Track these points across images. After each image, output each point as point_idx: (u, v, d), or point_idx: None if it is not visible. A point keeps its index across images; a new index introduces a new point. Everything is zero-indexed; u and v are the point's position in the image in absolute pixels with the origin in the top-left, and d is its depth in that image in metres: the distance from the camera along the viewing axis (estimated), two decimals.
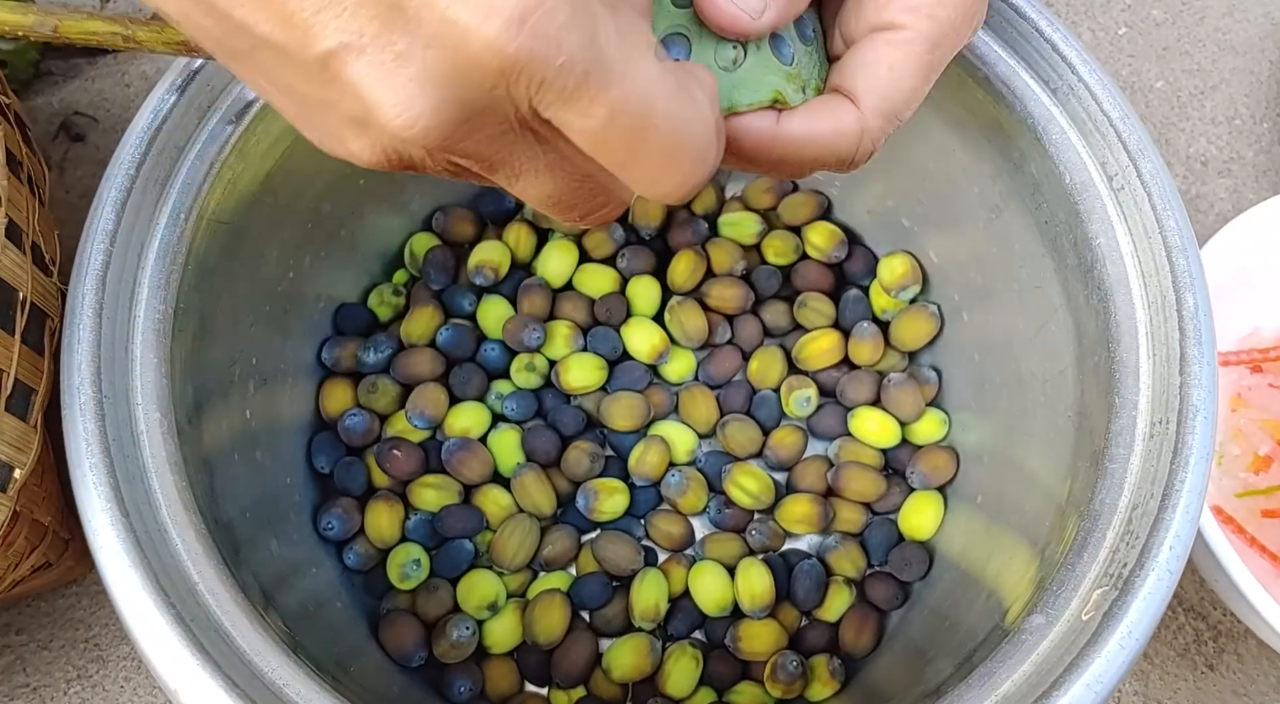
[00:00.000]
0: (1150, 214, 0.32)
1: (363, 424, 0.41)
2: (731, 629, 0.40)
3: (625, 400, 0.43)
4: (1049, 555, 0.32)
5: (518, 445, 0.42)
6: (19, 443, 0.29)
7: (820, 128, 0.25)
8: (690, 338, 0.44)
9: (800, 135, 0.25)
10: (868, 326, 0.44)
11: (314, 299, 0.43)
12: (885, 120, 0.25)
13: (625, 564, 0.41)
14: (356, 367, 0.43)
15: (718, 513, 0.42)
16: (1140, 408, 0.31)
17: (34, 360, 0.30)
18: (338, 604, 0.39)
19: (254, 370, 0.38)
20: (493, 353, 0.43)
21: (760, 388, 0.45)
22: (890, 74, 0.25)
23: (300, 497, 0.40)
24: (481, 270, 0.44)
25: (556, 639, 0.39)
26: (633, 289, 0.45)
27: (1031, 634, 0.28)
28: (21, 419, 0.29)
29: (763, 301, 0.46)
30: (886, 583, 0.42)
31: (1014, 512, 0.38)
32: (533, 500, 0.41)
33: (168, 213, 0.32)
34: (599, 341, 0.44)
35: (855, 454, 0.44)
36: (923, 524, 0.42)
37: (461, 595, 0.40)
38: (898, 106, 0.25)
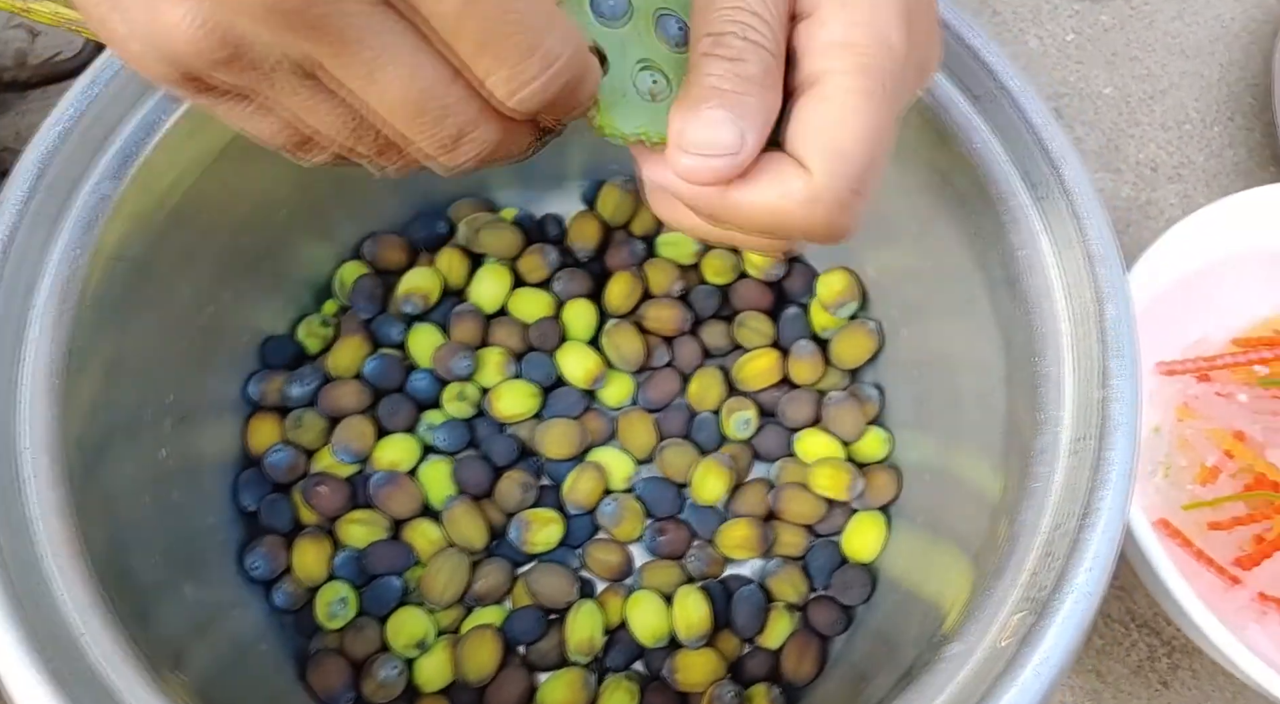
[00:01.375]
0: (1072, 223, 0.31)
1: (287, 460, 0.40)
2: (668, 660, 0.39)
3: (559, 427, 0.42)
4: (980, 561, 0.31)
5: (449, 477, 0.41)
6: None
7: (767, 192, 0.22)
8: (627, 361, 0.43)
9: (746, 198, 0.22)
10: (806, 345, 0.44)
11: (239, 332, 0.42)
12: (843, 180, 0.21)
13: (560, 597, 0.40)
14: (282, 400, 0.42)
15: (653, 540, 0.41)
16: (1064, 423, 0.30)
17: None
18: (263, 647, 0.38)
19: (170, 408, 0.37)
20: (422, 382, 0.42)
21: (700, 410, 0.44)
22: (831, 126, 0.21)
23: (226, 535, 0.39)
24: (410, 298, 0.43)
25: (487, 677, 0.38)
26: (568, 313, 0.44)
27: (949, 663, 0.27)
28: None
29: (702, 322, 0.45)
30: (829, 607, 0.40)
31: (953, 530, 0.37)
32: (464, 534, 0.40)
33: (59, 250, 0.31)
34: (532, 368, 0.43)
35: (797, 476, 0.43)
36: (866, 546, 0.41)
37: (390, 634, 0.39)
38: (851, 163, 0.21)
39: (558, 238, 0.47)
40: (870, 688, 0.35)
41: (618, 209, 0.45)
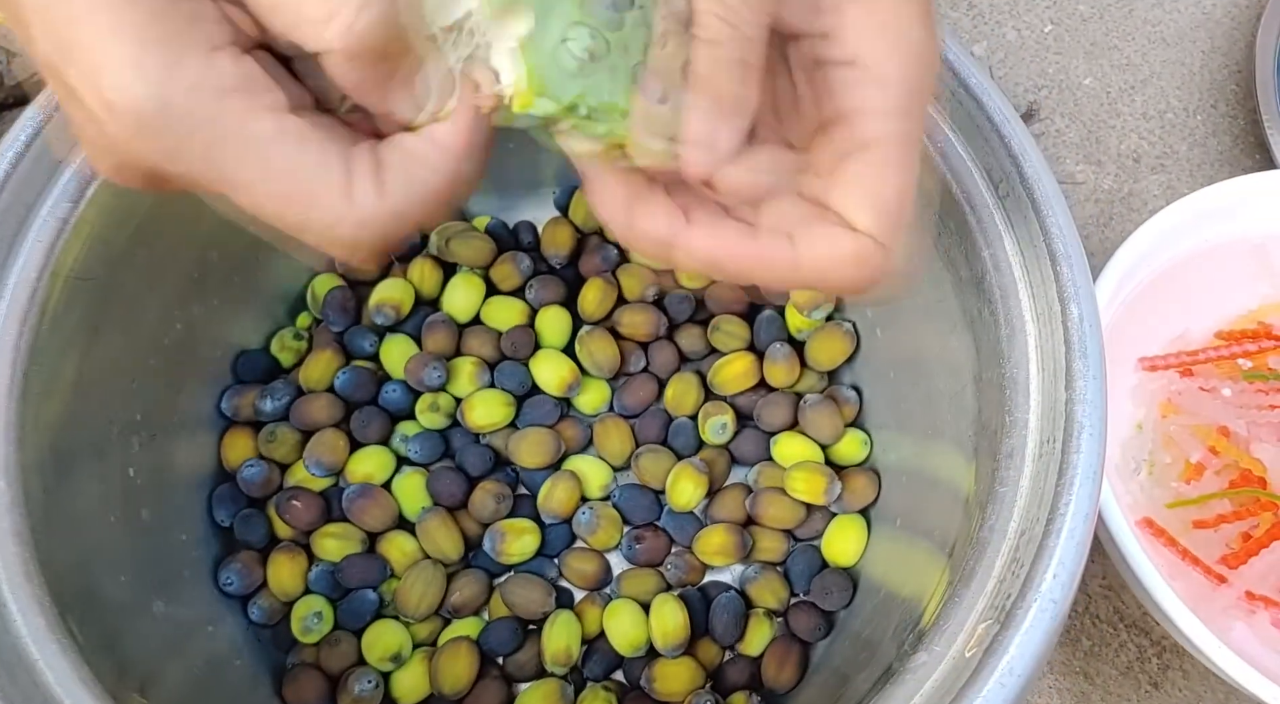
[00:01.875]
0: (1034, 220, 0.31)
1: (261, 474, 0.40)
2: (646, 669, 0.38)
3: (533, 436, 0.42)
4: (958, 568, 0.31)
5: (423, 489, 0.41)
6: None
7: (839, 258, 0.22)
8: (602, 368, 0.43)
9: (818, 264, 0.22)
10: (782, 347, 0.43)
11: (211, 346, 0.42)
12: (888, 234, 0.22)
13: (536, 607, 0.40)
14: (255, 415, 0.42)
15: (630, 548, 0.41)
16: (1030, 425, 0.29)
17: None
18: (237, 663, 0.38)
19: (139, 426, 0.37)
20: (394, 394, 0.42)
21: (677, 415, 0.44)
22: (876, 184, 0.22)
23: (200, 552, 0.39)
24: (382, 309, 0.43)
25: (464, 689, 0.38)
26: (541, 321, 0.44)
27: (914, 673, 0.27)
28: None
29: (677, 327, 0.45)
30: (809, 613, 0.40)
31: (930, 530, 0.36)
32: (438, 546, 0.40)
33: (16, 271, 0.31)
34: (506, 377, 0.43)
35: (775, 480, 0.42)
36: (846, 549, 0.41)
37: (365, 647, 0.38)
38: (895, 217, 0.22)
39: (531, 245, 0.46)
40: (849, 689, 0.35)
41: (591, 214, 0.45)
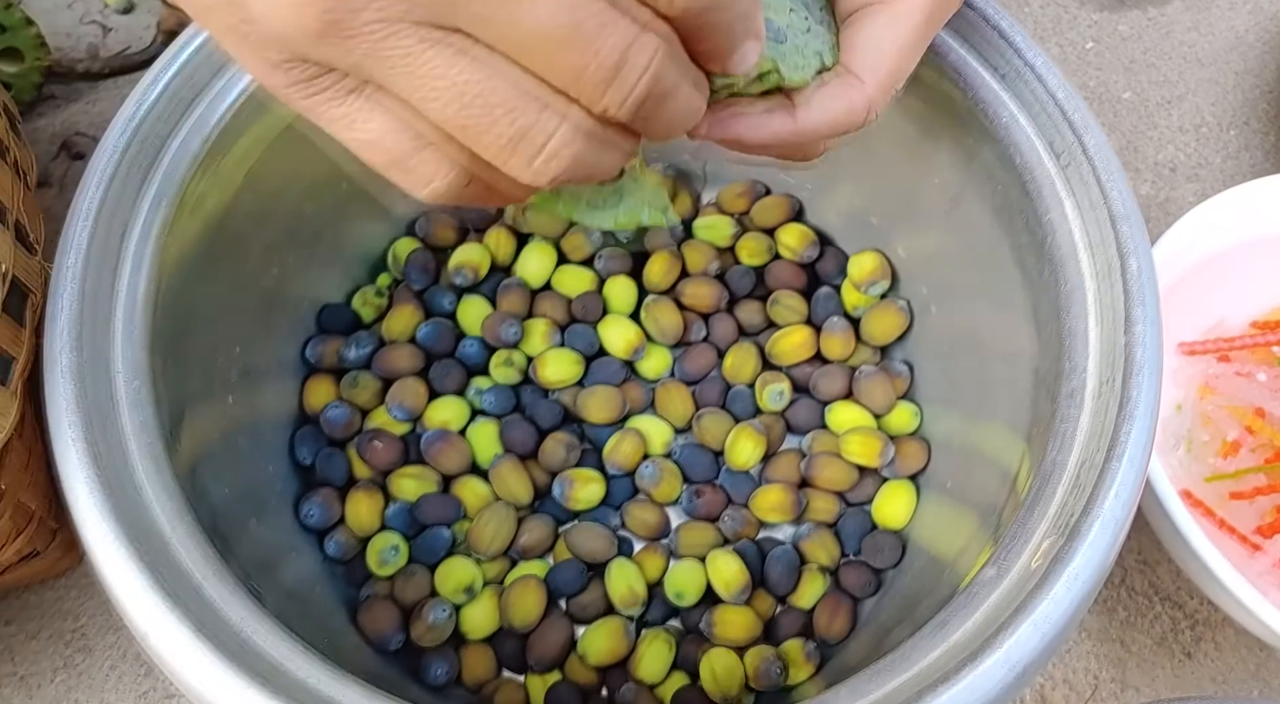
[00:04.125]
0: (1095, 186, 0.33)
1: (344, 416, 0.42)
2: (707, 615, 0.40)
3: (601, 393, 0.44)
4: (1001, 521, 0.33)
5: (495, 438, 0.43)
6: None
7: (835, 111, 0.26)
8: (666, 334, 0.45)
9: (816, 124, 0.26)
10: (838, 321, 0.45)
11: (298, 299, 0.44)
12: (887, 92, 0.27)
13: (600, 552, 0.41)
14: (339, 363, 0.44)
15: (690, 502, 0.43)
16: (1089, 370, 0.31)
17: (15, 331, 0.31)
18: (317, 588, 0.40)
19: (237, 359, 0.39)
20: (472, 349, 0.44)
21: (735, 383, 0.46)
22: (893, 50, 0.26)
23: (283, 486, 0.41)
24: (461, 271, 0.45)
25: (532, 623, 0.40)
26: (609, 289, 0.47)
27: (983, 586, 0.29)
28: (1, 384, 0.30)
29: (737, 301, 0.47)
30: (860, 570, 0.42)
31: (976, 491, 0.38)
32: (510, 490, 0.42)
33: (150, 197, 0.33)
34: (576, 338, 0.45)
35: (829, 446, 0.44)
36: (896, 513, 0.43)
37: (439, 580, 0.40)
38: (898, 78, 0.27)
39: None
40: (889, 639, 0.37)
41: None
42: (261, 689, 0.26)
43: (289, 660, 0.27)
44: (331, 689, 0.27)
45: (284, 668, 0.27)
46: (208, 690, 0.26)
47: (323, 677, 0.27)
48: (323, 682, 0.27)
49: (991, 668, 0.26)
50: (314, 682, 0.27)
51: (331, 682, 0.27)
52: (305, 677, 0.27)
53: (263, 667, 0.27)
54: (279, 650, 0.27)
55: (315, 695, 0.27)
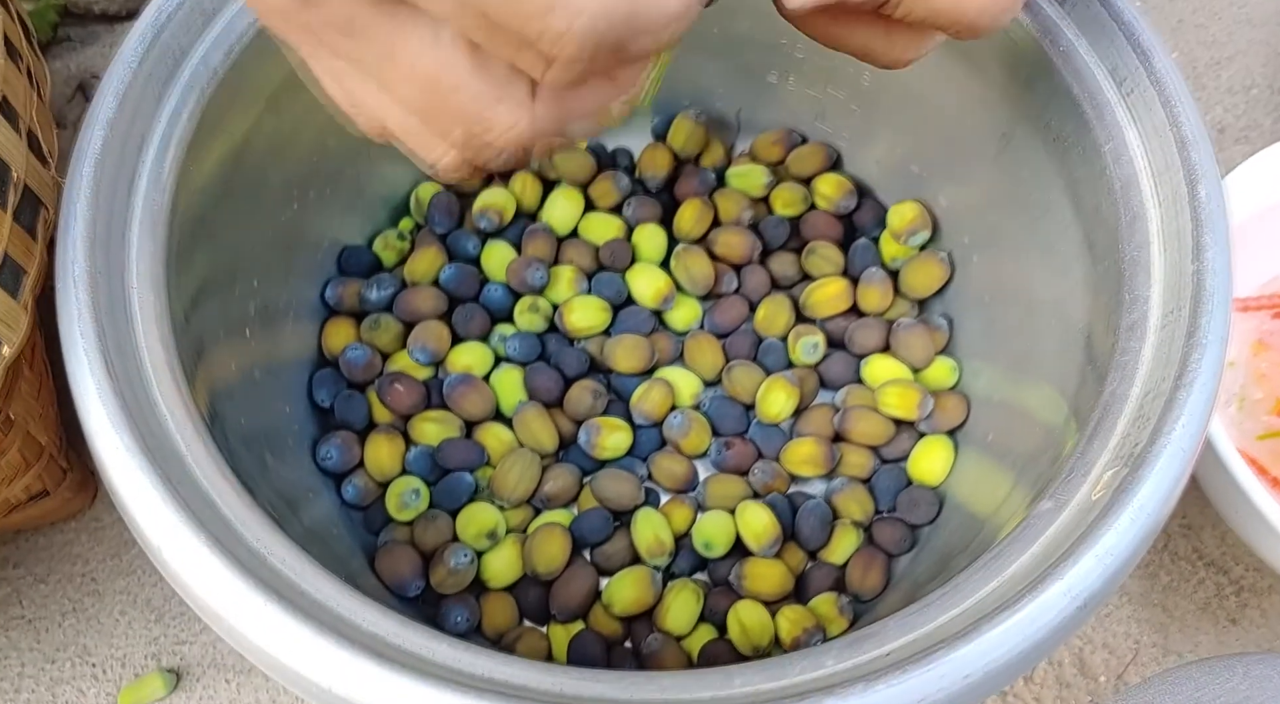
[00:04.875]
0: (1160, 112, 0.32)
1: (364, 357, 0.41)
2: (736, 566, 0.39)
3: (629, 342, 0.42)
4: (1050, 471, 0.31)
5: (520, 384, 0.42)
6: (8, 319, 0.29)
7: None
8: (696, 284, 0.44)
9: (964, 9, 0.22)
10: (876, 272, 0.44)
11: (318, 239, 0.43)
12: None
13: (626, 500, 0.40)
14: (359, 305, 0.43)
15: (719, 454, 0.41)
16: (1152, 302, 0.30)
17: (26, 242, 0.30)
18: (334, 532, 0.38)
19: (255, 293, 0.38)
20: (496, 294, 0.43)
21: (766, 336, 0.44)
22: None
23: (300, 428, 0.40)
24: (486, 214, 0.44)
25: (556, 570, 0.38)
26: (638, 236, 0.45)
27: (1040, 518, 0.27)
28: (11, 296, 0.29)
29: (770, 252, 0.46)
30: (895, 526, 0.40)
31: (1019, 445, 0.37)
32: (534, 437, 0.40)
33: (169, 111, 0.32)
34: (603, 286, 0.44)
35: (864, 400, 0.43)
36: (933, 469, 0.41)
37: (460, 525, 0.39)
38: None
39: (628, 169, 0.48)
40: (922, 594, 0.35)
41: (689, 140, 0.46)
42: (280, 605, 0.24)
43: (308, 580, 0.26)
44: (352, 610, 0.25)
45: (302, 587, 0.26)
46: (224, 607, 0.24)
47: (343, 598, 0.26)
48: (342, 604, 0.25)
49: (1052, 599, 0.25)
50: (333, 603, 0.25)
51: (352, 602, 0.25)
52: (325, 598, 0.26)
53: (280, 585, 0.25)
54: (298, 570, 0.26)
55: (334, 615, 0.25)
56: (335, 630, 0.24)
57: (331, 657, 0.24)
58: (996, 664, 0.24)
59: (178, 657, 0.40)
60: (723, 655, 0.37)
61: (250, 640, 0.24)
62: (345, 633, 0.24)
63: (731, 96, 0.47)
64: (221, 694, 0.39)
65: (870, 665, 0.25)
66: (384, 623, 0.25)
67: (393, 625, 0.25)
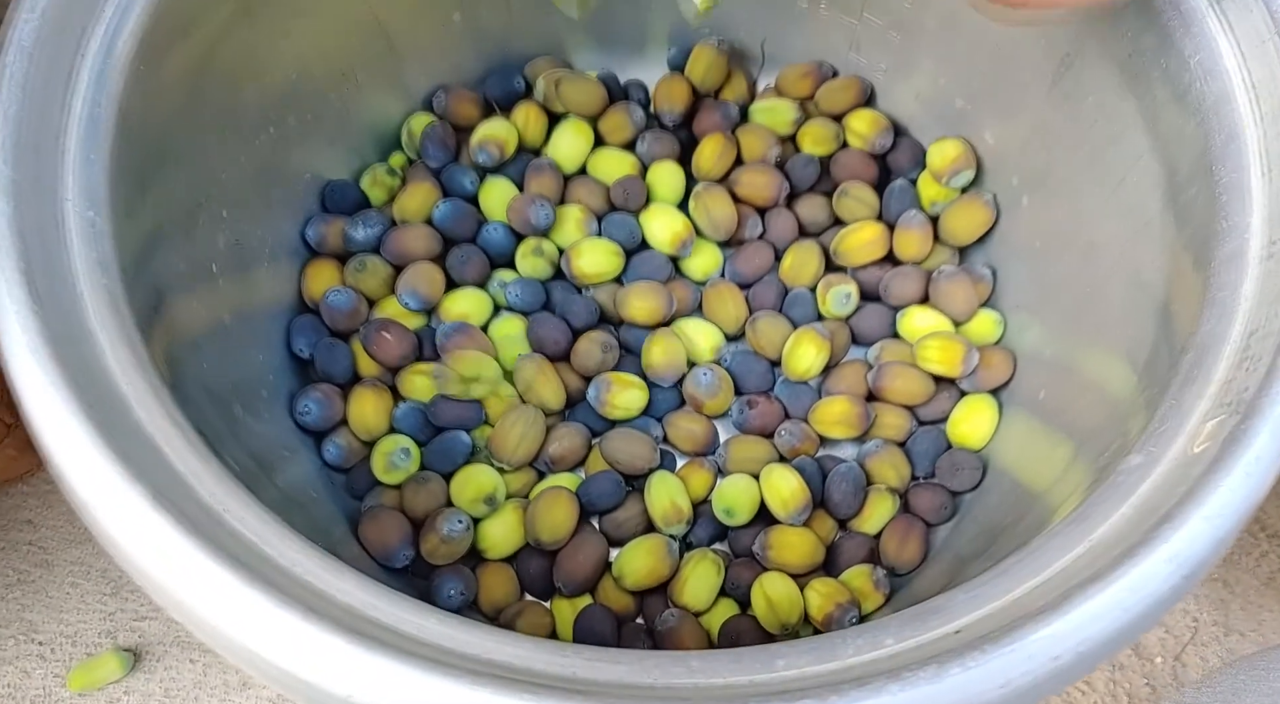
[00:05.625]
0: (1262, 16, 0.27)
1: (348, 302, 0.37)
2: (761, 535, 0.35)
3: (643, 290, 0.38)
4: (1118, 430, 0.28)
5: (522, 336, 0.38)
6: None
7: None
8: (717, 227, 0.40)
9: None
10: (916, 215, 0.40)
11: (299, 172, 0.39)
12: None
13: (640, 463, 0.36)
14: (343, 245, 0.38)
15: (742, 414, 0.38)
16: (1253, 229, 0.26)
17: None
18: (313, 495, 0.34)
19: (225, 225, 0.34)
20: (496, 235, 0.39)
21: (794, 286, 0.40)
22: None
23: (275, 379, 0.36)
24: (485, 147, 0.40)
25: (561, 539, 0.34)
26: (654, 175, 0.41)
27: (1129, 475, 0.23)
28: None
29: (798, 194, 0.42)
30: (934, 492, 0.36)
31: (1077, 404, 0.33)
32: (538, 394, 0.37)
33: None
34: (615, 228, 0.40)
35: (900, 356, 0.39)
36: (975, 431, 0.37)
37: (455, 489, 0.35)
38: None
39: (642, 103, 0.43)
40: (967, 572, 0.32)
41: (709, 72, 0.42)
42: (235, 571, 0.20)
43: (272, 543, 0.22)
44: (324, 579, 0.21)
45: (264, 551, 0.22)
46: (166, 572, 0.20)
47: (313, 565, 0.22)
48: (313, 571, 0.22)
49: (1154, 567, 0.21)
50: (301, 570, 0.22)
51: (324, 570, 0.22)
52: (291, 563, 0.22)
53: (238, 547, 0.21)
54: (261, 530, 0.22)
55: (301, 584, 0.21)
56: (302, 602, 0.20)
57: (296, 633, 0.20)
58: (1089, 643, 0.20)
59: (136, 634, 0.36)
60: (746, 633, 0.33)
61: (199, 613, 0.20)
62: (314, 605, 0.20)
63: (756, 24, 0.43)
64: (186, 676, 0.36)
65: (938, 645, 0.21)
66: (361, 594, 0.21)
67: (373, 597, 0.22)
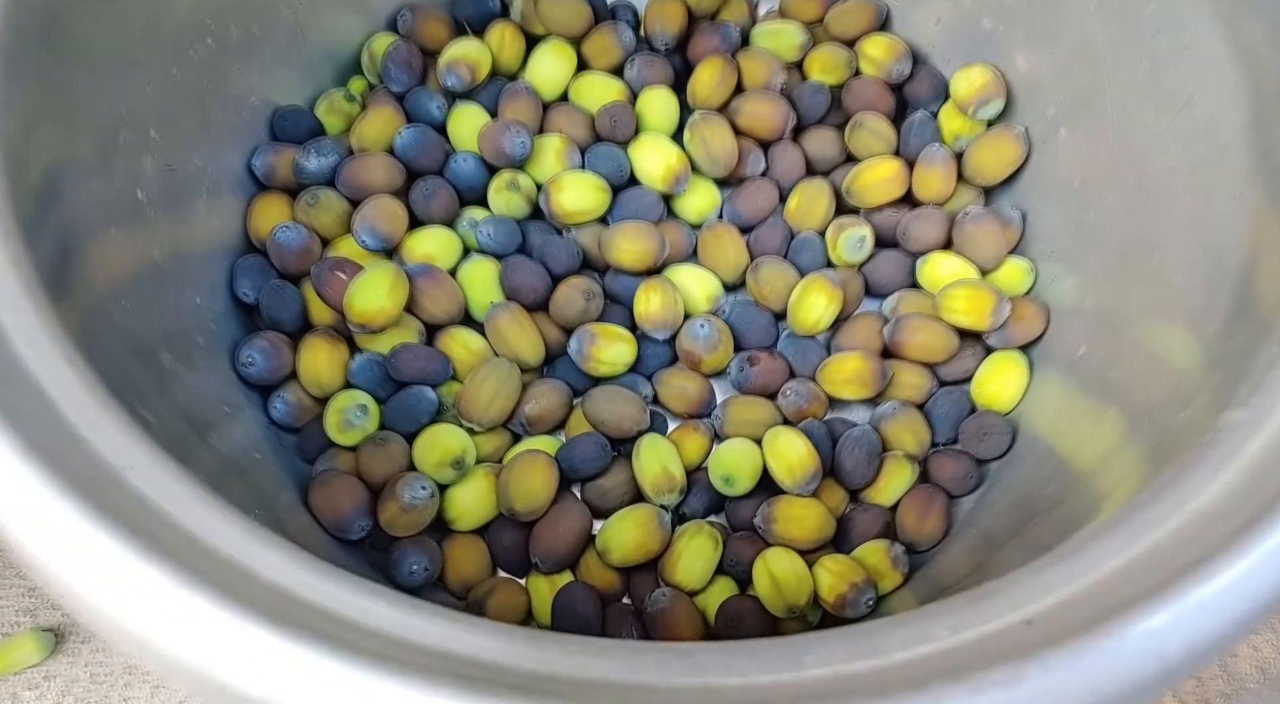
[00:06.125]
0: None
1: (298, 240, 0.32)
2: (765, 507, 0.31)
3: (632, 231, 0.34)
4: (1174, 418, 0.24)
5: (495, 281, 0.34)
6: None
7: None
8: (715, 162, 0.36)
9: None
10: (939, 150, 0.36)
11: (243, 95, 0.34)
12: None
13: (628, 424, 0.32)
14: (294, 177, 0.34)
15: (741, 371, 0.33)
16: None
17: None
18: (257, 457, 0.30)
19: (153, 148, 0.29)
20: (466, 166, 0.34)
21: (800, 230, 0.36)
22: None
23: (216, 326, 0.31)
24: (455, 69, 0.35)
25: (539, 509, 0.30)
26: (644, 102, 0.37)
27: (1231, 433, 0.19)
28: None
29: (805, 128, 0.38)
30: (958, 460, 0.33)
31: (1128, 365, 0.29)
32: (512, 346, 0.32)
33: None
34: (600, 160, 0.35)
35: (920, 306, 0.35)
36: (1003, 392, 0.34)
37: (419, 452, 0.31)
38: None
39: (632, 24, 0.39)
40: (1000, 556, 0.28)
41: None
42: (127, 540, 0.16)
43: (181, 505, 0.18)
44: (245, 551, 0.17)
45: (172, 515, 0.17)
46: (33, 538, 0.16)
47: (232, 532, 0.17)
48: (231, 541, 0.17)
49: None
50: (218, 539, 0.17)
51: (246, 540, 0.17)
52: (206, 532, 0.17)
53: (138, 512, 0.17)
54: (169, 490, 0.18)
55: (215, 558, 0.17)
56: (212, 579, 0.16)
57: (200, 617, 0.15)
58: (1202, 639, 0.16)
59: (59, 613, 0.32)
60: (748, 615, 0.29)
61: (78, 591, 0.16)
62: (228, 583, 0.16)
63: None
64: (115, 660, 0.31)
65: (1006, 640, 0.17)
66: (292, 570, 0.17)
67: (306, 574, 0.17)
